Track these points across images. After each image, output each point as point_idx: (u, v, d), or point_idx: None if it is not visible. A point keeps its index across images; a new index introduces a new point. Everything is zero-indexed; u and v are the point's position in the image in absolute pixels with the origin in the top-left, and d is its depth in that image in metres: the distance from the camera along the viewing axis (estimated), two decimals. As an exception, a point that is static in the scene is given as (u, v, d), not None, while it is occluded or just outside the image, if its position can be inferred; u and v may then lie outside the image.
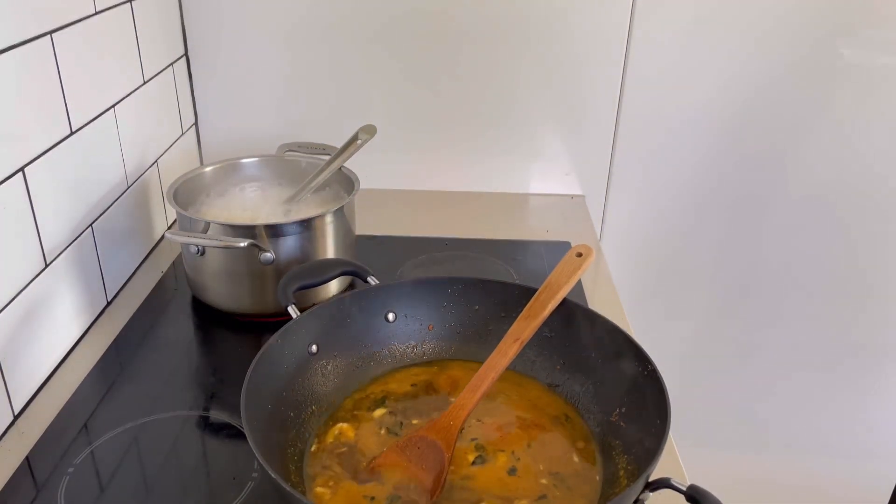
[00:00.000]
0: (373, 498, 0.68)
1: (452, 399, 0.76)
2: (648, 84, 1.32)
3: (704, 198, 1.42)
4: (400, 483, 0.69)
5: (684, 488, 0.58)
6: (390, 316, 0.85)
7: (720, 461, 1.48)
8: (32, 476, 0.77)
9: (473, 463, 0.72)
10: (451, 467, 0.70)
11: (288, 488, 0.58)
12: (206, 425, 0.85)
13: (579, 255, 0.81)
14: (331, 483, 0.69)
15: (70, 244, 0.94)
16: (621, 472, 0.69)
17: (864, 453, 1.62)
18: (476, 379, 0.74)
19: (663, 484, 0.60)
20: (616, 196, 1.42)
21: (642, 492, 0.61)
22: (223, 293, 1.02)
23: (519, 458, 0.72)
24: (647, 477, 0.60)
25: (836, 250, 1.44)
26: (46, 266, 0.89)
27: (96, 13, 0.99)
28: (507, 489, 0.69)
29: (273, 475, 0.58)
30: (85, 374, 0.91)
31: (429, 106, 1.36)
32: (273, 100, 1.36)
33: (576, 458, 0.72)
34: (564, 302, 0.79)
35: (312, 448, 0.74)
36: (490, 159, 1.41)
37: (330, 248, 1.02)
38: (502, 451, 0.73)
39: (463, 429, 0.73)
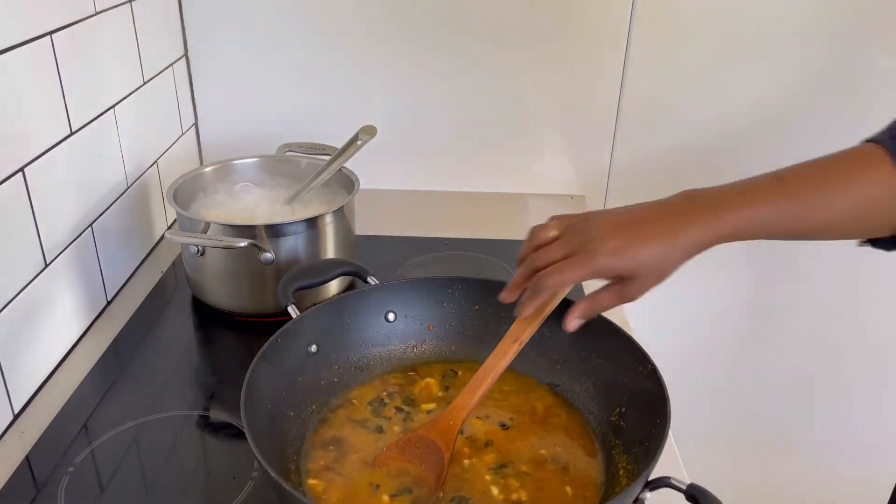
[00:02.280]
0: (378, 486, 0.68)
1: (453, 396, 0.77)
2: (648, 84, 1.32)
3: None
4: (401, 482, 0.69)
5: (684, 487, 0.58)
6: (390, 316, 0.85)
7: (720, 461, 1.48)
8: (32, 476, 0.77)
9: (470, 458, 0.72)
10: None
11: (288, 488, 0.58)
12: (206, 425, 0.85)
13: None
14: (325, 475, 0.70)
15: (70, 244, 0.94)
16: (621, 472, 0.69)
17: (865, 453, 1.62)
18: (475, 380, 0.74)
19: (663, 483, 0.60)
20: (616, 196, 1.42)
21: (642, 491, 0.61)
22: (223, 293, 1.02)
23: (518, 458, 0.72)
24: (647, 476, 0.60)
25: (837, 249, 1.44)
26: (46, 266, 0.89)
27: (96, 13, 0.99)
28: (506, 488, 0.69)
29: (273, 475, 0.58)
30: (85, 374, 0.91)
31: (429, 106, 1.36)
32: (273, 100, 1.36)
33: (575, 458, 0.72)
34: (564, 302, 0.80)
35: (311, 448, 0.73)
36: (490, 159, 1.41)
37: (330, 248, 1.02)
38: (501, 450, 0.73)
39: (463, 430, 0.73)
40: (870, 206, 0.64)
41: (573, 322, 0.70)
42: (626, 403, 0.73)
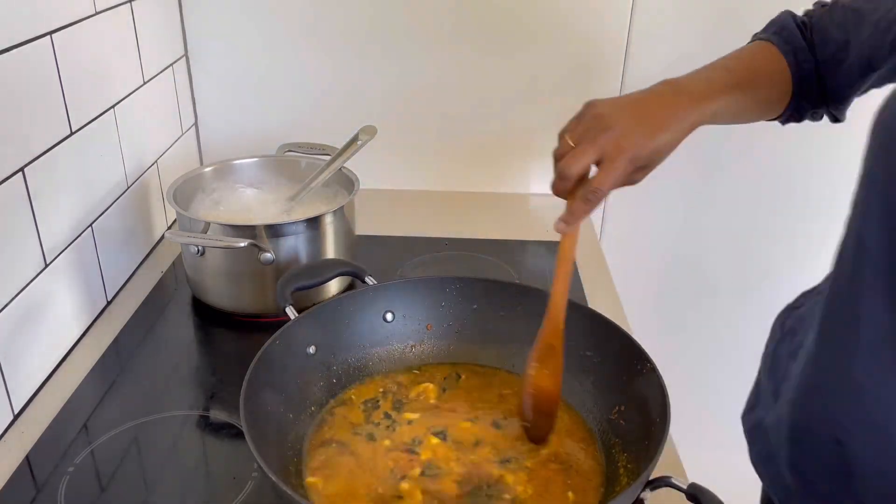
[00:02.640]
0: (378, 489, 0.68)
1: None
2: (648, 84, 1.32)
3: (704, 198, 1.42)
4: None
5: (685, 487, 0.58)
6: (388, 316, 0.85)
7: (720, 461, 1.48)
8: (32, 476, 0.77)
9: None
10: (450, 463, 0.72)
11: (287, 489, 0.58)
12: (206, 425, 0.85)
13: None
14: (324, 472, 0.70)
15: (70, 244, 0.94)
16: (621, 471, 0.69)
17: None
18: (561, 271, 0.73)
19: (664, 482, 0.60)
20: (616, 196, 1.41)
21: (643, 490, 0.61)
22: (223, 293, 1.02)
23: (518, 457, 0.72)
24: (648, 476, 0.60)
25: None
26: (46, 266, 0.89)
27: (96, 13, 0.99)
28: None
29: (272, 477, 0.58)
30: (85, 374, 0.91)
31: (429, 106, 1.36)
32: (273, 100, 1.36)
33: (576, 457, 0.72)
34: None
35: (310, 447, 0.73)
36: (490, 159, 1.41)
37: (330, 248, 1.02)
38: (500, 447, 0.73)
39: None
40: (777, 89, 0.81)
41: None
42: (625, 402, 0.73)
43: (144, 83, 1.15)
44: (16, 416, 0.84)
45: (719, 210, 1.43)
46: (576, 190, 0.70)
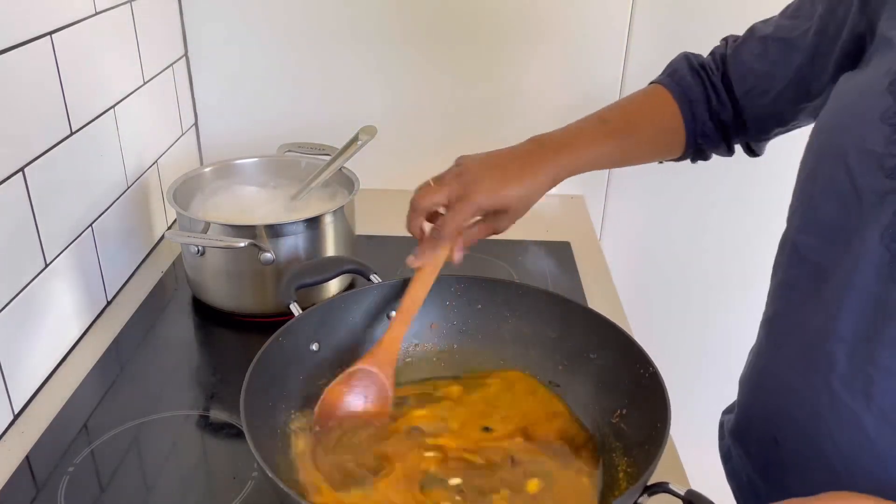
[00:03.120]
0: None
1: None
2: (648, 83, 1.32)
3: (703, 197, 1.42)
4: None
5: (682, 493, 0.58)
6: (393, 314, 0.84)
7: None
8: (32, 476, 0.77)
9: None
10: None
11: (285, 488, 0.58)
12: (206, 425, 0.85)
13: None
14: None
15: (70, 244, 0.94)
16: (621, 475, 0.68)
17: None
18: (404, 312, 0.78)
19: (661, 488, 0.60)
20: (616, 196, 1.42)
21: (640, 495, 0.60)
22: (223, 293, 1.02)
23: (518, 457, 0.72)
24: (646, 481, 0.60)
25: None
26: (46, 266, 0.89)
27: (96, 13, 0.99)
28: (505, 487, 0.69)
29: (270, 475, 0.58)
30: (85, 374, 0.91)
31: (429, 106, 1.36)
32: (273, 100, 1.36)
33: (575, 459, 0.72)
34: (567, 302, 0.80)
35: (306, 445, 0.73)
36: (490, 159, 1.40)
37: (330, 248, 1.03)
38: (501, 449, 0.73)
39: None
40: (666, 132, 0.86)
41: (459, 255, 0.80)
42: (626, 405, 0.73)
43: (144, 83, 1.15)
44: (16, 416, 0.84)
45: (720, 210, 1.43)
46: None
